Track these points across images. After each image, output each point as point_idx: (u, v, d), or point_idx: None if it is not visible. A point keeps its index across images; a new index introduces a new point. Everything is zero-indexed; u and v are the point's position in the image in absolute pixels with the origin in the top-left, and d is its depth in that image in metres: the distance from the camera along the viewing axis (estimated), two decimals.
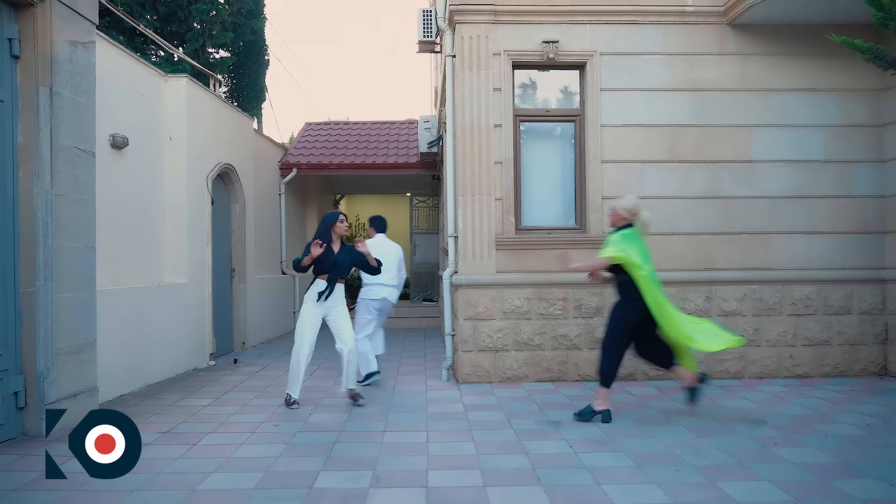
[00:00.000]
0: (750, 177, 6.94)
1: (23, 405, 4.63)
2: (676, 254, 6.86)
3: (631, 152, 6.89)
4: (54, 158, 4.80)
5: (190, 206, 7.67)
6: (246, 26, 11.49)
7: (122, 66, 6.67)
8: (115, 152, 6.48)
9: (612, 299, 6.70)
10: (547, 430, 4.88)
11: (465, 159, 6.82)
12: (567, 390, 6.34)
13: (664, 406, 5.65)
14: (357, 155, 12.54)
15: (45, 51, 4.75)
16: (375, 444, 4.52)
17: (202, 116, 8.06)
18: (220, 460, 4.18)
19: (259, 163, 10.65)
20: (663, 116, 6.91)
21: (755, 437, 4.65)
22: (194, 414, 5.46)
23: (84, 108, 5.20)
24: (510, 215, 6.81)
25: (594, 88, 6.88)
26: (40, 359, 4.66)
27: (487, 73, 6.84)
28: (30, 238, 4.65)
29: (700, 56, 6.94)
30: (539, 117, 7.02)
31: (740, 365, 6.84)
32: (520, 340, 6.75)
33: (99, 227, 6.03)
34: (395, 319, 12.65)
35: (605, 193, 6.85)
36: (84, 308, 5.14)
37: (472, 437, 4.68)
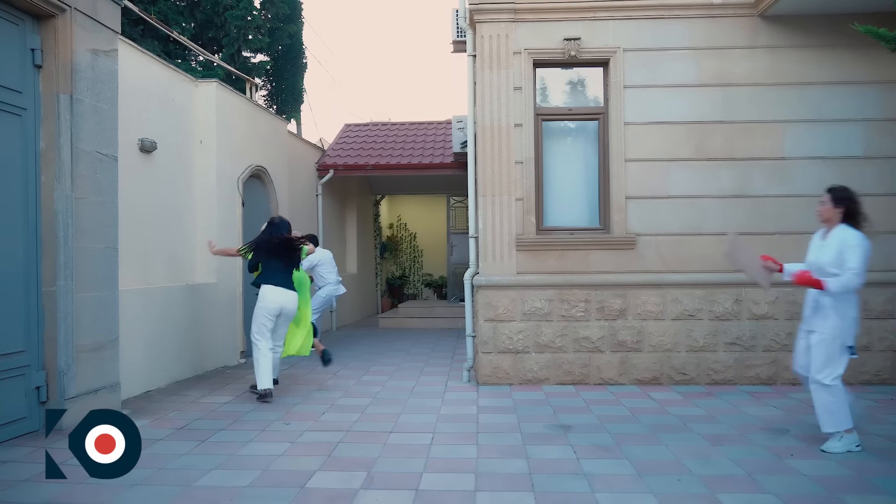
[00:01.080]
0: (782, 175, 6.66)
1: (45, 399, 4.82)
2: (704, 254, 6.65)
3: (656, 150, 6.71)
4: (75, 163, 4.98)
5: (220, 208, 7.85)
6: (283, 31, 11.70)
7: (152, 72, 6.88)
8: (144, 156, 6.69)
9: (635, 301, 6.57)
10: (555, 434, 4.80)
11: (486, 159, 6.77)
12: (587, 394, 6.22)
13: (684, 412, 5.48)
14: (393, 156, 12.62)
15: (66, 60, 4.94)
16: (379, 445, 4.53)
17: (233, 120, 8.25)
18: (224, 457, 4.26)
19: (294, 165, 10.83)
20: (690, 113, 6.71)
21: (772, 446, 4.46)
22: (212, 411, 5.59)
23: (106, 114, 5.38)
24: (531, 216, 6.72)
25: (617, 86, 6.73)
26: (61, 355, 4.84)
27: (508, 72, 6.77)
28: (51, 240, 4.84)
29: (728, 50, 6.70)
30: (561, 116, 6.91)
31: (772, 371, 6.58)
32: (540, 342, 6.66)
33: (127, 228, 6.26)
34: (430, 319, 12.72)
35: (628, 193, 6.70)
36: (106, 307, 5.32)
37: (476, 441, 4.64)
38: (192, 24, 10.25)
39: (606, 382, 6.63)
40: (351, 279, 13.46)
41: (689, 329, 6.61)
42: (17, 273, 4.67)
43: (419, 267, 17.22)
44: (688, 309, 6.61)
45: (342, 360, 8.40)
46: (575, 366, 6.66)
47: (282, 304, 6.05)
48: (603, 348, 6.65)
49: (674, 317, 6.62)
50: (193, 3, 10.20)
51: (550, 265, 6.71)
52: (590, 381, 6.65)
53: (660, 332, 6.62)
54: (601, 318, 6.67)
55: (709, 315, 6.61)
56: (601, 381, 6.64)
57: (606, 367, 6.64)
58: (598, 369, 6.65)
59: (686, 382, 6.58)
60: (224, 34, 10.40)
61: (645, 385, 6.57)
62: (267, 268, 6.12)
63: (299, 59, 12.56)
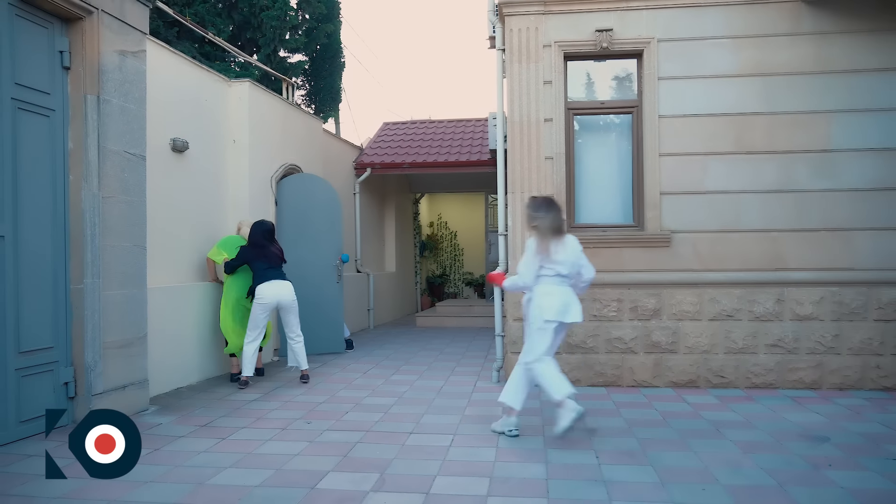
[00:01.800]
0: (829, 168, 6.32)
1: (73, 395, 4.91)
2: (744, 252, 6.37)
3: (692, 144, 6.46)
4: (102, 162, 5.06)
5: (252, 207, 7.92)
6: (320, 30, 11.76)
7: (184, 72, 6.97)
8: (176, 155, 6.78)
9: (670, 301, 6.34)
10: (579, 438, 4.64)
11: (515, 155, 6.64)
12: (618, 396, 6.03)
13: (718, 417, 5.24)
14: (430, 154, 12.56)
15: (93, 61, 5.02)
16: (396, 447, 4.46)
17: (266, 119, 8.31)
18: (240, 456, 4.25)
19: (330, 163, 10.88)
20: (728, 105, 6.43)
21: (809, 455, 4.21)
22: (237, 408, 5.61)
23: (134, 115, 5.45)
24: None
25: (651, 77, 6.50)
26: (88, 352, 4.93)
27: (537, 65, 6.62)
28: (79, 238, 4.93)
29: (770, 38, 6.40)
30: (592, 110, 6.72)
31: (817, 374, 6.25)
32: (571, 342, 6.49)
33: (159, 226, 6.37)
34: (467, 318, 12.62)
35: (663, 188, 6.46)
36: (134, 304, 5.40)
37: (497, 443, 4.53)
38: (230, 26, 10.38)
39: (640, 385, 6.42)
40: (389, 278, 13.48)
41: (728, 330, 6.34)
42: (46, 270, 4.77)
43: (460, 265, 17.13)
44: (726, 309, 6.34)
45: (375, 358, 8.38)
46: (607, 367, 6.46)
47: (278, 297, 6.55)
48: (636, 349, 6.44)
49: (711, 317, 6.36)
50: (231, 5, 10.34)
51: None
52: (622, 383, 6.45)
53: (696, 333, 6.37)
54: (634, 318, 6.45)
55: (748, 315, 6.33)
56: (634, 383, 6.43)
57: (640, 368, 6.42)
58: (630, 371, 6.44)
59: (724, 386, 6.31)
60: (261, 35, 10.51)
61: (680, 388, 6.33)
62: (256, 269, 6.62)
63: (337, 59, 12.62)
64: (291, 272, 7.42)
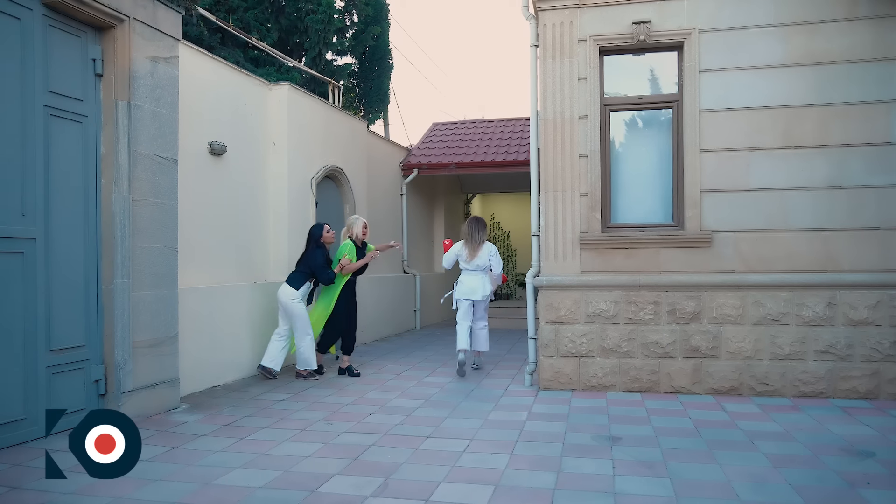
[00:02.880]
0: (887, 161, 5.88)
1: (103, 392, 5.07)
2: (792, 253, 6.00)
3: (735, 139, 6.13)
4: (132, 166, 5.21)
5: (292, 208, 8.02)
6: (367, 32, 11.83)
7: (222, 77, 7.12)
8: (214, 158, 6.93)
9: (710, 304, 6.05)
10: (600, 446, 4.46)
11: (548, 153, 6.47)
12: (653, 403, 5.78)
13: (756, 427, 4.94)
14: (478, 154, 12.46)
15: (124, 67, 5.17)
16: (409, 451, 4.40)
17: (306, 121, 8.40)
18: (253, 456, 4.28)
19: (377, 165, 10.93)
20: (775, 97, 6.07)
21: (847, 472, 3.90)
22: (264, 408, 5.68)
23: (165, 119, 5.59)
24: (596, 212, 6.34)
25: (692, 70, 6.21)
26: (118, 351, 5.08)
27: (572, 60, 6.43)
28: (109, 240, 5.09)
29: (822, 24, 6.00)
30: (629, 105, 6.47)
31: (873, 383, 5.83)
32: (605, 346, 6.28)
33: (196, 228, 6.52)
34: (517, 319, 12.45)
35: (704, 186, 6.16)
36: (164, 304, 5.54)
37: (512, 450, 4.40)
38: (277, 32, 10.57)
39: (678, 391, 6.14)
40: (437, 279, 13.45)
41: (773, 335, 5.98)
42: (78, 271, 4.95)
43: (512, 266, 16.95)
44: (771, 313, 5.98)
45: (412, 360, 8.35)
46: (643, 372, 6.21)
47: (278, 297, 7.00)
48: (674, 354, 6.16)
49: (755, 321, 6.02)
50: (279, 10, 10.53)
51: (617, 264, 6.30)
52: (659, 388, 6.19)
53: (739, 338, 6.04)
54: (672, 321, 6.18)
55: (796, 320, 5.96)
56: (672, 389, 6.16)
57: (678, 374, 6.14)
58: (668, 377, 6.17)
59: (769, 394, 5.96)
60: (307, 38, 10.66)
61: (721, 395, 6.02)
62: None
63: (385, 60, 12.69)
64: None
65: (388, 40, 12.61)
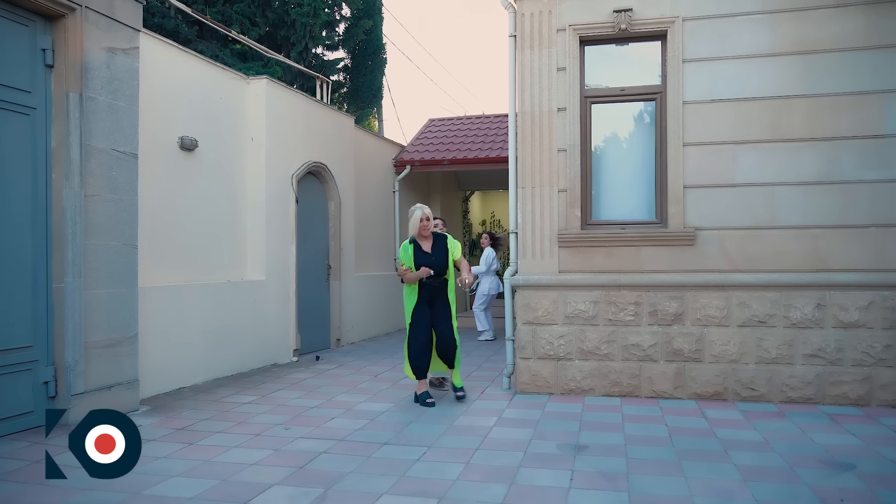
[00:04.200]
0: (881, 156, 5.57)
1: (53, 395, 4.89)
2: (779, 251, 5.71)
3: (720, 132, 5.85)
4: (85, 161, 5.02)
5: (270, 205, 7.83)
6: (359, 26, 11.61)
7: (195, 70, 6.94)
8: (185, 154, 6.75)
9: (693, 304, 5.78)
10: (563, 456, 4.21)
11: (526, 148, 6.23)
12: (631, 408, 5.52)
13: (734, 436, 4.67)
14: (472, 150, 12.22)
15: (76, 58, 4.98)
16: (360, 459, 4.18)
17: (287, 116, 8.21)
18: (195, 464, 4.08)
19: (367, 161, 10.72)
20: (762, 88, 5.78)
21: (821, 486, 3.63)
22: (226, 411, 5.48)
23: (124, 112, 5.41)
24: (575, 209, 6.09)
25: (676, 60, 5.93)
26: (69, 351, 4.90)
27: (550, 51, 6.17)
28: (60, 236, 4.90)
29: (811, 11, 5.70)
30: (611, 97, 6.20)
31: (864, 389, 5.53)
32: (584, 349, 6.02)
33: (166, 225, 6.36)
34: None
35: (687, 181, 5.89)
36: (122, 303, 5.35)
37: (468, 459, 4.16)
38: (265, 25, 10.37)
39: (659, 396, 5.87)
40: None
41: (759, 337, 5.70)
42: (26, 269, 4.77)
43: None
44: (757, 314, 5.70)
45: (395, 361, 8.13)
46: (623, 376, 5.95)
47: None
48: (656, 357, 5.90)
49: (740, 323, 5.74)
50: (265, 4, 10.34)
51: (597, 263, 6.05)
52: (640, 393, 5.92)
53: (723, 341, 5.76)
54: (654, 322, 5.91)
55: (783, 322, 5.67)
56: (653, 393, 5.89)
57: (659, 378, 5.88)
58: (649, 380, 5.90)
59: (755, 399, 5.68)
60: (294, 32, 10.46)
61: (704, 401, 5.75)
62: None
63: (378, 55, 12.47)
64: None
65: (381, 34, 12.39)
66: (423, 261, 5.81)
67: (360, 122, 12.12)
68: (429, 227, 5.88)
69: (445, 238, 5.98)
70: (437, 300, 5.92)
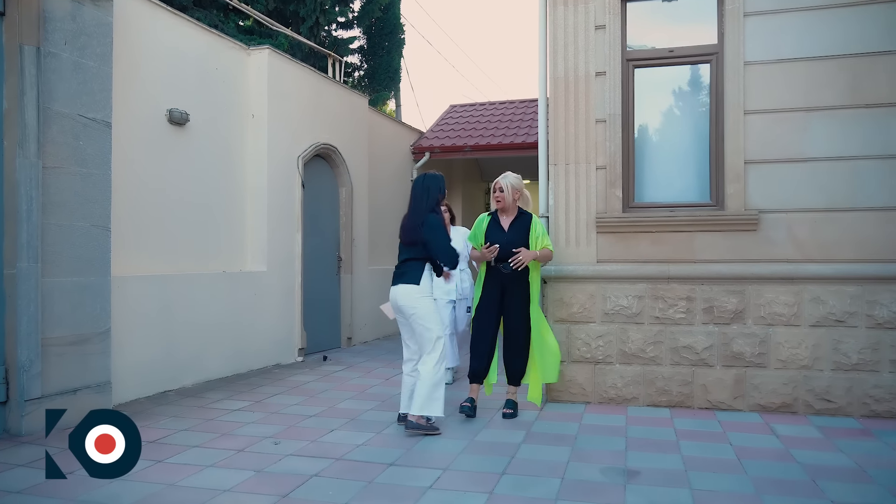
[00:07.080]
0: None
1: (3, 399, 4.18)
2: (860, 238, 4.82)
3: (788, 97, 4.97)
4: (44, 126, 4.30)
5: (273, 189, 7.09)
6: (375, 3, 10.85)
7: (187, 36, 6.23)
8: (175, 128, 6.03)
9: (757, 300, 4.91)
10: (610, 485, 3.39)
11: (559, 119, 5.40)
12: (684, 421, 4.68)
13: (817, 460, 3.81)
14: (496, 136, 11.40)
15: (33, 5, 4.27)
16: (359, 485, 3.39)
17: (293, 92, 7.46)
18: (157, 489, 3.33)
19: (382, 146, 9.96)
20: (839, 44, 4.89)
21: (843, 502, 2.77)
22: (210, 420, 4.74)
23: (94, 73, 4.68)
24: (616, 189, 5.25)
25: (736, 14, 5.06)
26: (22, 349, 4.18)
27: (587, 6, 5.35)
28: (12, 214, 4.19)
29: None
30: (658, 60, 5.35)
31: None
32: (627, 351, 5.18)
33: (150, 206, 5.68)
34: None
35: (749, 156, 5.02)
36: (91, 294, 4.63)
37: (491, 487, 3.36)
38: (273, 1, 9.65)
39: (715, 406, 5.01)
40: None
41: (837, 339, 4.81)
42: None
43: None
44: (834, 312, 4.81)
45: None
46: (672, 383, 5.10)
47: (393, 300, 4.46)
48: (711, 361, 5.04)
49: (813, 322, 4.86)
50: None
51: (642, 252, 5.21)
52: (692, 403, 5.07)
53: (792, 343, 4.88)
54: (709, 321, 5.05)
55: (867, 321, 4.78)
56: (708, 404, 5.03)
57: (715, 386, 5.02)
58: (703, 389, 5.04)
59: (831, 413, 4.80)
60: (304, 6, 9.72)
61: (770, 413, 4.88)
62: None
63: (396, 35, 11.69)
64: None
65: (398, 13, 11.60)
66: (496, 238, 4.73)
67: (375, 105, 11.34)
68: (503, 198, 4.74)
69: (531, 217, 4.81)
70: (510, 292, 4.74)
